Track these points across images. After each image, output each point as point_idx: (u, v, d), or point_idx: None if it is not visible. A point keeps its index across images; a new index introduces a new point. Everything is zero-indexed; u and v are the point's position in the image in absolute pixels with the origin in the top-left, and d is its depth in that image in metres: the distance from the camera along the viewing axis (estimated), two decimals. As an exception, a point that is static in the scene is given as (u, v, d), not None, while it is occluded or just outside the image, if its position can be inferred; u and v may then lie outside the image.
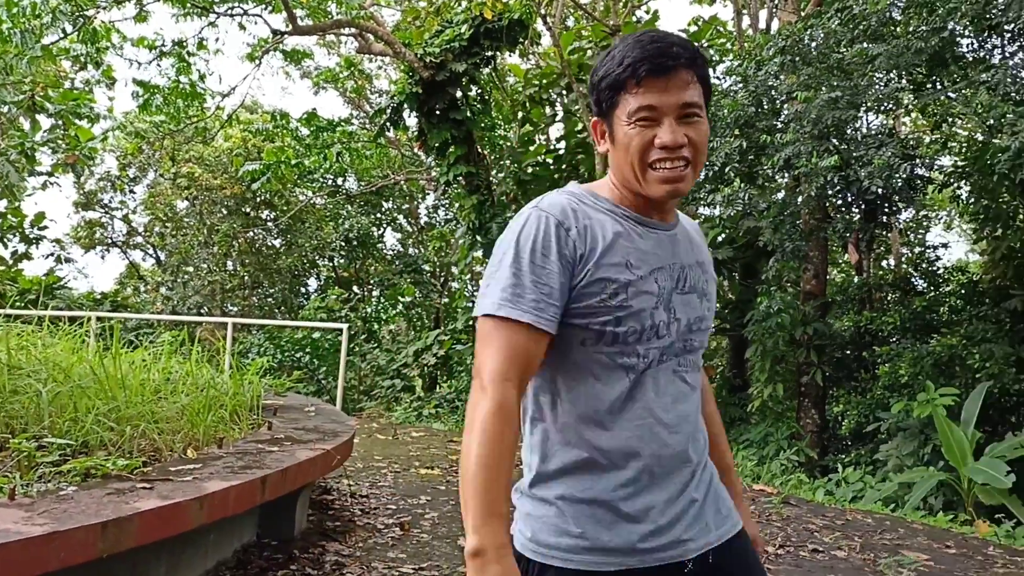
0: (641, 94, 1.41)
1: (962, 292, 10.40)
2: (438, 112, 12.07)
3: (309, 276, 22.08)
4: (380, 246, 21.65)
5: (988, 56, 8.41)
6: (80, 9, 11.67)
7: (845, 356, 10.63)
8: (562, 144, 14.98)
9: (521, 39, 12.45)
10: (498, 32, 11.60)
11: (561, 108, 15.01)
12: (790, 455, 9.09)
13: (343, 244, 20.10)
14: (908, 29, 8.14)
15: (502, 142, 15.66)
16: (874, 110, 8.84)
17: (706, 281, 1.57)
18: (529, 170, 14.31)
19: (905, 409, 7.91)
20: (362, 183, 20.38)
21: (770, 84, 9.23)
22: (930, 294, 10.85)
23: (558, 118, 15.20)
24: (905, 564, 4.79)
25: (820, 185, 8.44)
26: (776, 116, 9.70)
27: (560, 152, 14.90)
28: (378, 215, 21.30)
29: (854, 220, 9.50)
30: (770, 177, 10.04)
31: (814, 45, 9.00)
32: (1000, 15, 7.76)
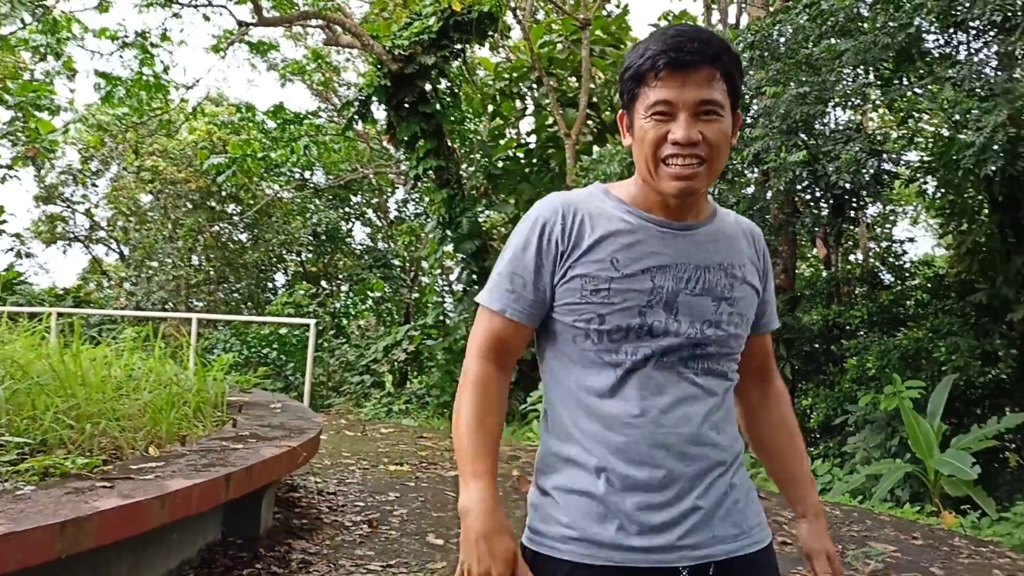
0: (659, 88, 1.40)
1: (928, 286, 10.51)
2: (407, 105, 11.97)
3: (276, 271, 21.89)
4: (349, 240, 21.49)
5: (954, 52, 8.48)
6: (40, -2, 11.44)
7: (814, 350, 10.71)
8: (533, 138, 14.94)
9: (491, 32, 12.40)
10: (467, 25, 11.53)
11: (532, 102, 14.96)
12: (759, 448, 9.12)
13: (311, 238, 19.94)
14: (875, 25, 8.18)
15: (472, 136, 15.57)
16: (842, 105, 8.89)
17: (729, 285, 1.50)
18: (500, 164, 14.25)
19: (872, 402, 7.97)
20: (330, 177, 20.21)
21: (739, 79, 9.23)
22: (897, 288, 10.95)
23: (528, 112, 15.15)
24: (872, 555, 4.82)
25: (789, 180, 8.48)
26: (745, 111, 9.74)
27: (531, 146, 14.86)
28: (347, 209, 21.14)
29: (822, 215, 9.56)
30: (739, 172, 10.07)
31: (783, 40, 9.03)
32: (965, 11, 7.83)
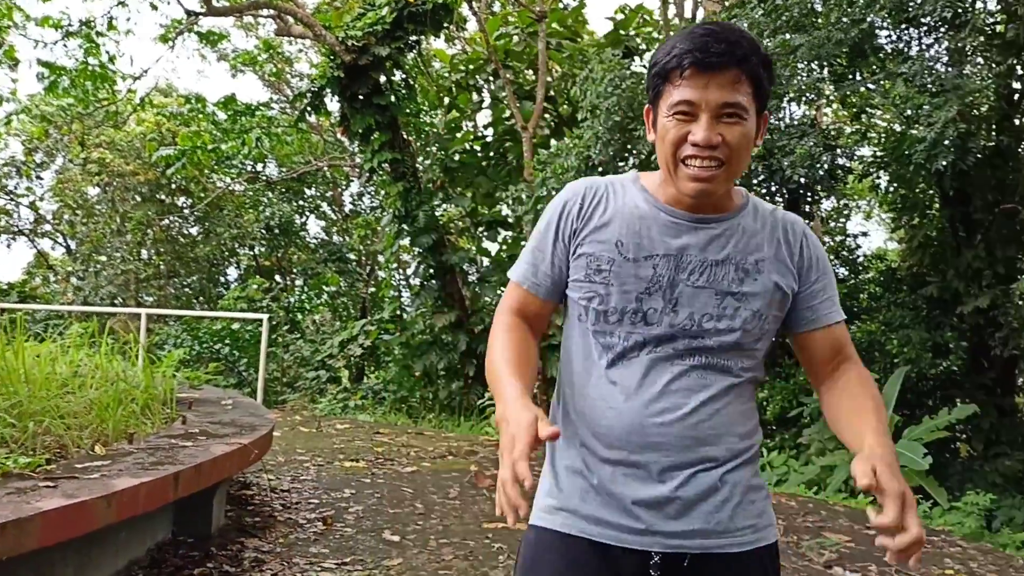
0: (683, 87, 1.40)
1: (881, 279, 10.67)
2: (361, 97, 11.80)
3: (228, 265, 21.59)
4: (303, 234, 21.26)
5: (906, 48, 8.60)
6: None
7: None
8: (490, 131, 14.87)
9: (446, 23, 12.27)
10: (422, 16, 11.39)
11: (488, 95, 14.89)
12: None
13: (264, 232, 19.68)
14: (829, 20, 8.26)
15: (428, 128, 15.46)
16: (796, 100, 8.96)
17: (739, 280, 1.48)
18: (456, 157, 14.14)
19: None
20: (283, 169, 19.94)
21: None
22: (850, 281, 11.10)
23: (485, 105, 15.08)
24: (827, 546, 4.87)
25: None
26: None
27: (488, 139, 14.79)
28: (300, 202, 20.88)
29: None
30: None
31: (738, 34, 9.08)
32: (917, 8, 7.95)
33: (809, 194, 9.26)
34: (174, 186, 19.08)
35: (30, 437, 3.35)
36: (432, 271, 12.45)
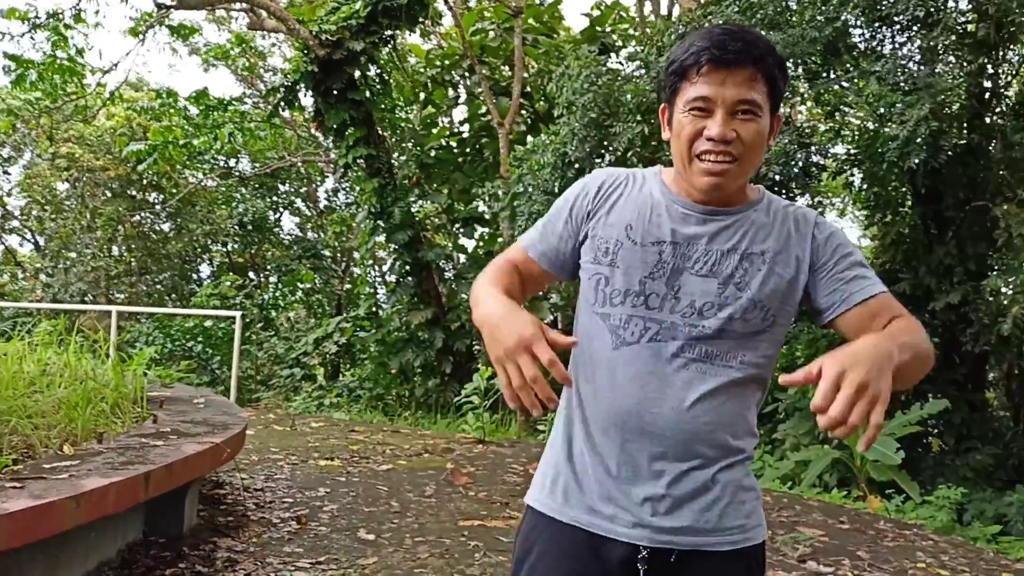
0: (699, 84, 1.43)
1: (853, 276, 10.73)
2: (335, 92, 11.72)
3: (201, 262, 21.35)
4: (277, 231, 21.06)
5: (879, 47, 8.67)
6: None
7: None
8: (466, 127, 14.84)
9: (421, 18, 12.23)
10: (397, 10, 11.32)
11: (464, 90, 14.85)
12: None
13: (237, 228, 19.48)
14: (804, 18, 8.32)
15: (404, 124, 15.38)
16: (771, 97, 9.01)
17: (744, 271, 1.49)
18: (432, 153, 14.11)
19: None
20: (256, 165, 19.75)
21: (671, 70, 9.29)
22: (823, 278, 11.16)
23: (461, 100, 15.04)
24: (801, 540, 4.89)
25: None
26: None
27: (464, 135, 14.77)
28: (274, 198, 20.71)
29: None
30: (672, 163, 10.16)
31: (714, 32, 9.11)
32: (890, 7, 8.02)
33: (784, 191, 9.30)
34: (145, 182, 18.87)
35: (-4, 437, 3.28)
36: (408, 268, 12.40)
